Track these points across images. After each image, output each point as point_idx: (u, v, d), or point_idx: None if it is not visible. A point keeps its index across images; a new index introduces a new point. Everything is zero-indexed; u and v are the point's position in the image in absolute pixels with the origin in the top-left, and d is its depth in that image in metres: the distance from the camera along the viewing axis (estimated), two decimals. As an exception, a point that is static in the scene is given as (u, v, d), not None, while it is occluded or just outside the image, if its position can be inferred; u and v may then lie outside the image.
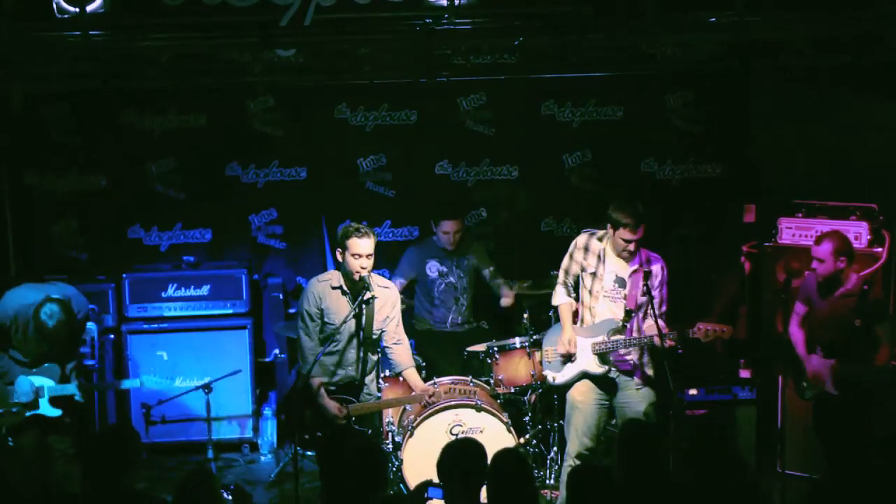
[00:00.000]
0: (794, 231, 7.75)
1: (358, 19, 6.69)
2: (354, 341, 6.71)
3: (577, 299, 6.88)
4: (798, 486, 6.79)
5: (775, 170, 8.48)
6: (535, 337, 7.48)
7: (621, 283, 6.68)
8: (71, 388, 7.00)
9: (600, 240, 6.76)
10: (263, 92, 8.74)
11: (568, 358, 6.80)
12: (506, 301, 8.20)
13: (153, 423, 8.01)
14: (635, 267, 6.65)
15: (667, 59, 7.86)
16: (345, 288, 6.69)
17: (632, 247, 6.59)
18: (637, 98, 8.91)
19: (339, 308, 6.68)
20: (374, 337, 6.75)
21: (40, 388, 6.92)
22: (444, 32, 6.81)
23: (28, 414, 6.91)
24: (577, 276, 6.83)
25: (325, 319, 6.68)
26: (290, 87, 8.58)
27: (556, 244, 8.74)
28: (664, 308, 6.73)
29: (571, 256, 6.87)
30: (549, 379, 6.96)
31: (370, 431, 6.77)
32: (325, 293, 6.69)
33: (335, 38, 6.94)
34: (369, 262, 6.59)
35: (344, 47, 7.37)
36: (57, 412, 6.97)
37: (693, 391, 7.50)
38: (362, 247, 6.54)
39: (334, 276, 6.74)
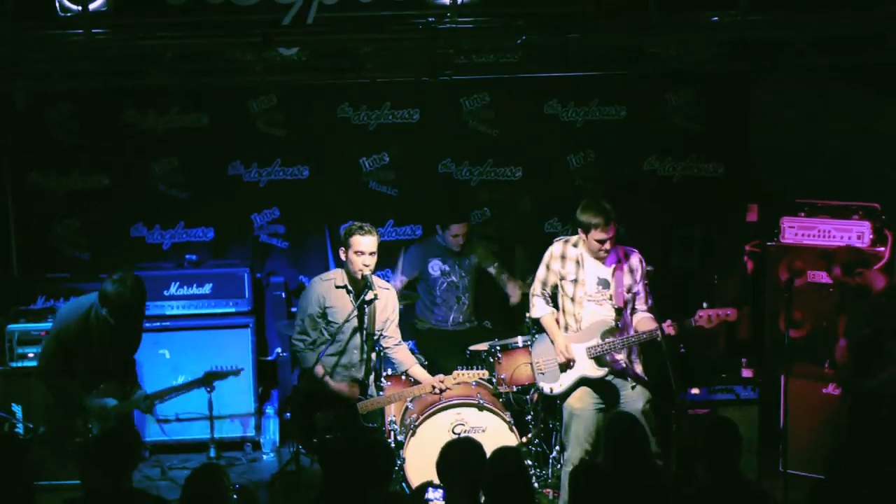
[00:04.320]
0: (796, 230, 7.76)
1: (360, 18, 6.70)
2: (356, 341, 6.72)
3: (556, 307, 6.85)
4: (800, 485, 6.78)
5: (777, 169, 8.48)
6: (537, 336, 7.47)
7: (605, 284, 6.66)
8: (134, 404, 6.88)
9: (575, 245, 6.73)
10: (266, 91, 8.74)
11: (566, 365, 6.75)
12: (514, 300, 8.18)
13: (166, 420, 8.04)
14: (614, 264, 6.65)
15: (669, 59, 7.85)
16: (349, 287, 6.70)
17: (607, 245, 6.56)
18: (639, 97, 8.90)
19: (343, 307, 6.69)
20: (375, 337, 6.76)
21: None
22: (446, 31, 6.82)
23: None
24: (555, 286, 6.79)
25: (329, 318, 6.69)
26: (292, 87, 8.59)
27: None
28: (650, 302, 6.72)
29: (548, 267, 6.80)
30: (546, 390, 6.88)
31: (375, 425, 6.79)
32: (329, 293, 6.70)
33: (338, 37, 6.96)
34: (372, 261, 6.61)
35: (346, 46, 7.38)
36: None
37: (695, 391, 7.50)
38: (364, 244, 6.56)
39: (338, 275, 6.75)
